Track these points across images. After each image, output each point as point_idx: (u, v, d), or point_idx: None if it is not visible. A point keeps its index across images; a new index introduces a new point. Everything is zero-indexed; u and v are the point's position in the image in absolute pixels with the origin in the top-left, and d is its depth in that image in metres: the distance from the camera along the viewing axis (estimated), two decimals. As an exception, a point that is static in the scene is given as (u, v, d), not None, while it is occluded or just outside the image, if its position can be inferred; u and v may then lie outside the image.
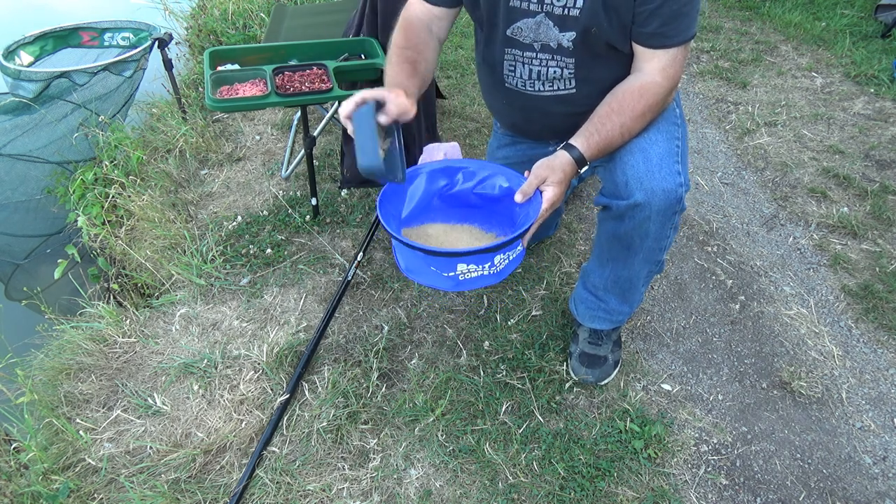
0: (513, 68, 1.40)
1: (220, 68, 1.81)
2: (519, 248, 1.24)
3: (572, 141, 1.23)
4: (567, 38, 1.28)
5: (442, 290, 1.22)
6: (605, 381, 1.56)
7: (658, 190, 1.23)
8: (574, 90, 1.37)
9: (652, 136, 1.27)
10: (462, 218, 1.40)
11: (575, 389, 1.55)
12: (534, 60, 1.36)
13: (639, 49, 1.25)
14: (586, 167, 1.24)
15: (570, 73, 1.35)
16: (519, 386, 1.55)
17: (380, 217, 1.19)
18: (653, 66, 1.23)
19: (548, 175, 1.21)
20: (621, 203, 1.27)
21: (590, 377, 1.54)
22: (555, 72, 1.35)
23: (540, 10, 1.26)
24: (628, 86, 1.25)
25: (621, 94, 1.25)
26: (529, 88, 1.41)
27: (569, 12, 1.24)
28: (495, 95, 1.53)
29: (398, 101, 1.20)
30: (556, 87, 1.39)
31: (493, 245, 1.13)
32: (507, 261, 1.21)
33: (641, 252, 1.36)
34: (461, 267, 1.16)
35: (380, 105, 1.18)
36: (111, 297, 2.01)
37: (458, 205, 1.40)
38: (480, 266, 1.17)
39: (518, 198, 1.22)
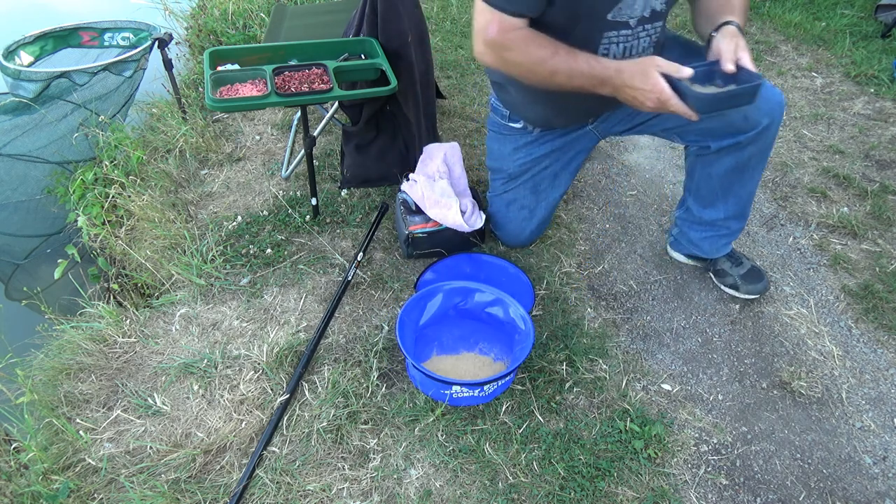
0: (607, 51, 1.41)
1: (220, 68, 1.81)
2: (507, 377, 1.47)
3: (724, 19, 1.35)
4: (662, 1, 1.36)
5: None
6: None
7: (775, 104, 1.44)
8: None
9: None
10: (469, 335, 1.66)
11: (575, 389, 1.55)
12: (629, 37, 1.40)
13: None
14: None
15: (655, 40, 1.43)
16: (519, 386, 1.55)
17: (401, 348, 1.46)
18: None
19: (737, 41, 1.30)
20: (749, 134, 1.45)
21: (766, 287, 1.78)
22: (644, 41, 1.42)
23: None
24: None
25: None
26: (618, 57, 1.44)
27: None
28: (571, 93, 1.46)
29: (663, 62, 1.30)
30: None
31: (483, 380, 1.42)
32: (494, 387, 1.47)
33: (761, 164, 1.56)
34: (455, 388, 1.44)
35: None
36: (111, 297, 2.01)
37: (469, 318, 1.66)
38: (472, 390, 1.45)
39: (729, 67, 1.27)
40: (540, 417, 1.48)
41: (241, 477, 1.34)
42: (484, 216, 1.87)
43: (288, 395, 1.49)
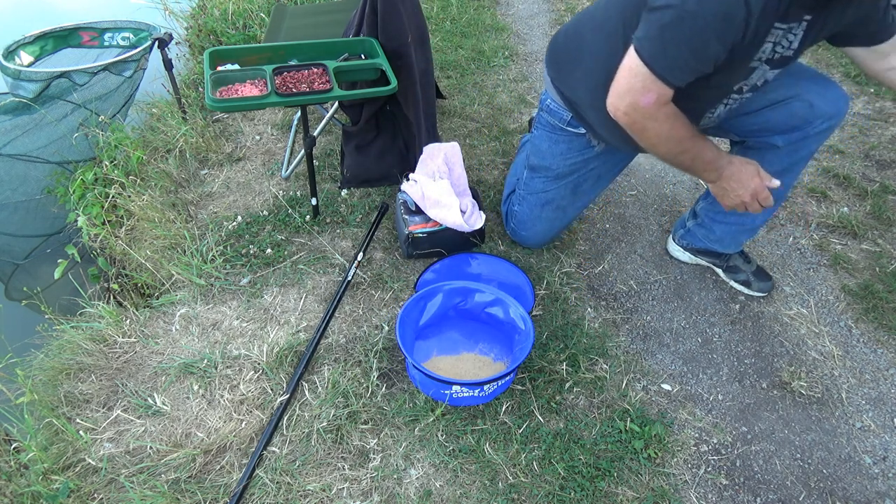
0: (713, 111, 1.47)
1: (220, 68, 1.81)
2: (506, 378, 1.47)
3: None
4: (773, 73, 1.36)
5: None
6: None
7: (841, 96, 1.45)
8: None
9: (794, 69, 1.42)
10: (469, 335, 1.66)
11: (575, 389, 1.55)
12: (738, 100, 1.44)
13: (877, 48, 1.38)
14: None
15: (749, 97, 1.46)
16: (519, 386, 1.55)
17: (401, 348, 1.46)
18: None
19: None
20: (816, 124, 1.46)
21: (774, 286, 1.83)
22: (745, 101, 1.46)
23: (762, 60, 1.31)
24: None
25: None
26: (715, 120, 1.51)
27: (784, 55, 1.30)
28: None
29: (762, 170, 1.46)
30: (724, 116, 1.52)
31: (483, 380, 1.42)
32: (494, 387, 1.47)
33: (811, 157, 1.57)
34: (455, 388, 1.44)
35: None
36: (111, 297, 2.01)
37: (469, 318, 1.67)
38: (472, 390, 1.44)
39: None
40: (540, 417, 1.48)
41: (241, 477, 1.34)
42: (483, 216, 1.87)
43: (288, 395, 1.49)
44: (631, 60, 1.23)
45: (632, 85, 1.25)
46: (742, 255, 1.85)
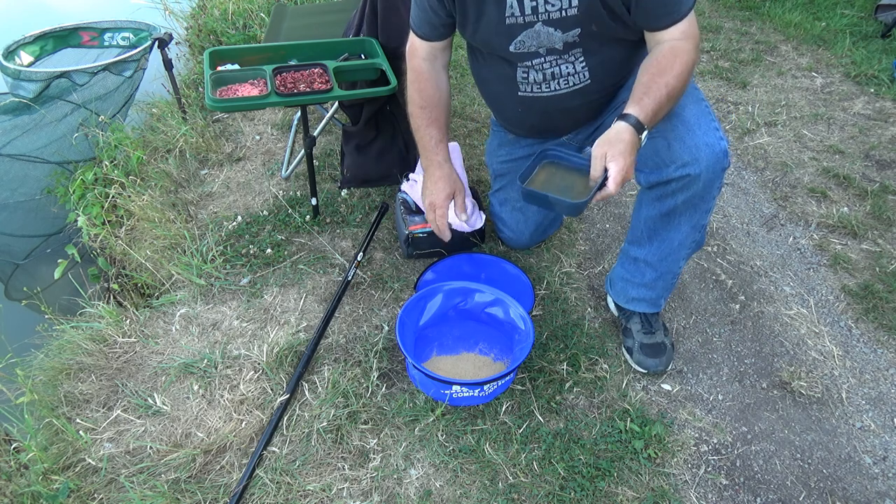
0: (525, 76, 1.42)
1: (220, 68, 1.81)
2: (506, 378, 1.47)
3: (625, 110, 1.20)
4: (572, 35, 1.30)
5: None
6: (668, 368, 1.59)
7: (708, 152, 1.25)
8: (589, 81, 1.40)
9: (680, 101, 1.29)
10: (469, 335, 1.65)
11: (575, 389, 1.55)
12: (544, 64, 1.38)
13: (650, 34, 1.28)
14: (645, 132, 1.20)
15: (581, 66, 1.38)
16: (519, 386, 1.55)
17: (401, 348, 1.46)
18: (672, 35, 1.25)
19: (606, 150, 1.18)
20: (671, 168, 1.28)
21: (660, 366, 1.55)
22: (567, 68, 1.38)
23: (536, 19, 1.28)
24: (659, 51, 1.25)
25: (655, 59, 1.24)
26: (546, 90, 1.43)
27: (566, 14, 1.26)
28: (508, 106, 1.55)
29: (461, 201, 1.63)
30: (571, 84, 1.41)
31: (483, 380, 1.42)
32: (494, 387, 1.47)
33: (691, 217, 1.37)
34: (455, 388, 1.44)
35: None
36: (111, 297, 2.01)
37: (469, 318, 1.66)
38: (472, 390, 1.44)
39: (591, 183, 1.22)
40: (540, 417, 1.48)
41: (241, 477, 1.34)
42: (484, 216, 1.87)
43: (288, 395, 1.49)
44: None
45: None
46: (645, 323, 1.60)
